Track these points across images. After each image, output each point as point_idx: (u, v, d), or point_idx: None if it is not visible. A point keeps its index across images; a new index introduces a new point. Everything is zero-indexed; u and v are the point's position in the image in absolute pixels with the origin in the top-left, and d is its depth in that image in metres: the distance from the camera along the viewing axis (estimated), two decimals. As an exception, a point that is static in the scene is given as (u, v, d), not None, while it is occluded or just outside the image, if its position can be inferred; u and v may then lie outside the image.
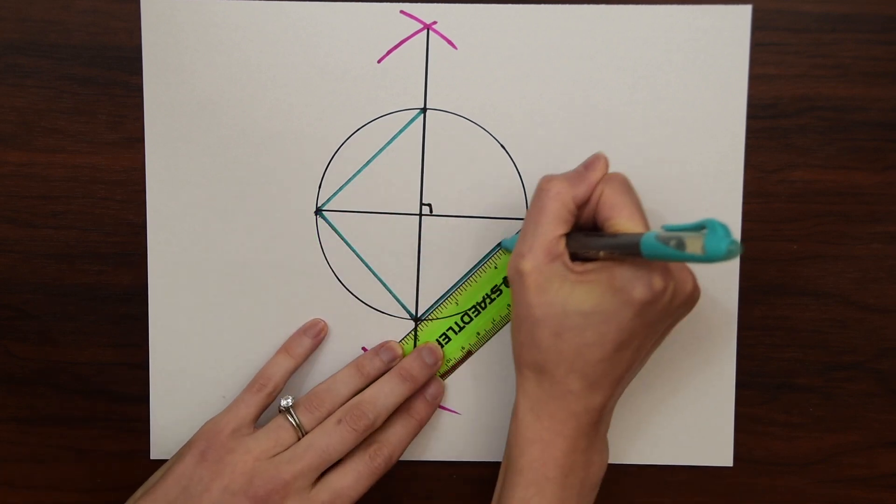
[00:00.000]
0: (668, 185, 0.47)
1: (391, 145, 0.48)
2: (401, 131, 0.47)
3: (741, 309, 0.48)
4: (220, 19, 0.47)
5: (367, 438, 0.45)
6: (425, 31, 0.47)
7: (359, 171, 0.48)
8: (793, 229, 0.48)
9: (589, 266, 0.40)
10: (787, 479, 0.50)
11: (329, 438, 0.44)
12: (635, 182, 0.48)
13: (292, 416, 0.45)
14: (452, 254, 0.48)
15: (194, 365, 0.48)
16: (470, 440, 0.49)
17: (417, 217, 0.48)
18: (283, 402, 0.45)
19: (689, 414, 0.49)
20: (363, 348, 0.49)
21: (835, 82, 0.47)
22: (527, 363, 0.41)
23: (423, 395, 0.47)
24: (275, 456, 0.44)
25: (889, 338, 0.49)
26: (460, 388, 0.49)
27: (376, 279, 0.48)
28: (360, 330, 0.48)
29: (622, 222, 0.40)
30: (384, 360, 0.47)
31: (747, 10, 0.47)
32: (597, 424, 0.42)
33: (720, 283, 0.48)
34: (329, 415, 0.45)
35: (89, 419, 0.49)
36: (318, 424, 0.45)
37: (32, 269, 0.48)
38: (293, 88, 0.47)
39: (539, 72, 0.47)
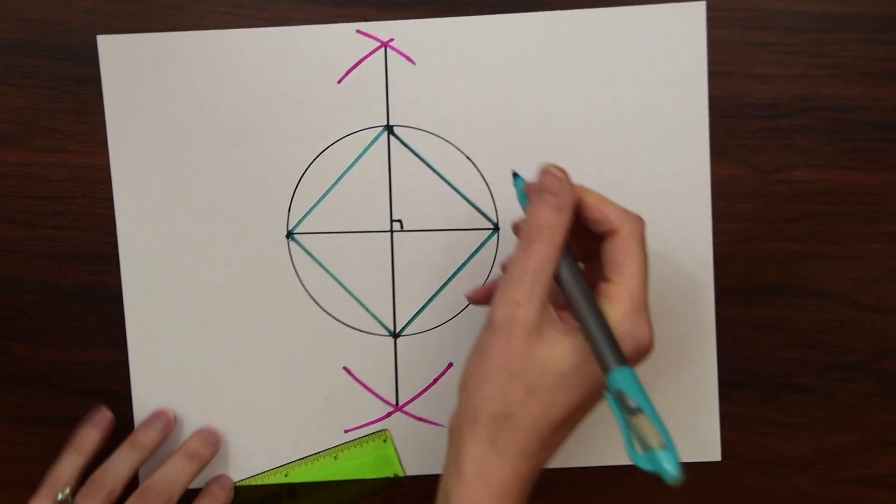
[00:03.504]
0: (635, 186, 0.47)
1: (357, 164, 0.48)
2: (366, 149, 0.47)
3: (741, 309, 0.48)
4: (176, 51, 0.47)
5: None
6: (383, 48, 0.47)
7: (327, 193, 0.48)
8: (793, 229, 0.48)
9: (573, 321, 0.38)
10: (787, 479, 0.50)
11: None
12: (602, 187, 0.47)
13: None
14: (426, 267, 0.48)
15: (175, 390, 0.48)
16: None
17: (389, 234, 0.48)
18: (60, 496, 0.45)
19: (675, 412, 0.49)
20: (344, 368, 0.48)
21: (835, 82, 0.47)
22: (486, 417, 0.38)
23: (219, 482, 0.48)
24: None
25: (889, 338, 0.49)
26: (442, 399, 0.49)
27: (352, 298, 0.48)
28: (340, 350, 0.48)
29: (616, 302, 0.38)
30: (157, 429, 0.47)
31: (701, 6, 0.47)
32: (529, 493, 0.39)
33: (696, 279, 0.48)
34: (112, 495, 0.45)
35: (89, 419, 0.49)
36: None
37: (32, 269, 0.48)
38: (256, 114, 0.47)
39: (499, 81, 0.47)
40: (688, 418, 0.49)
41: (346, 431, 0.49)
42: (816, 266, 0.48)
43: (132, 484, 0.46)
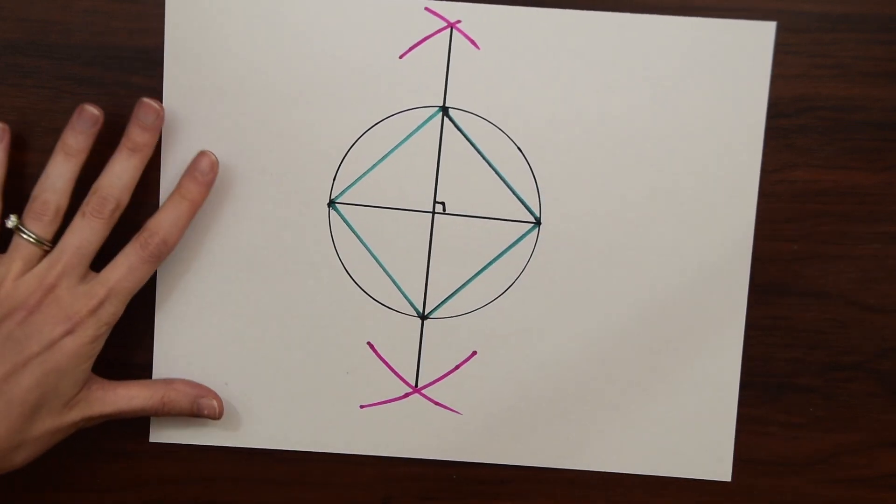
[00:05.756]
0: (682, 196, 0.48)
1: (408, 142, 0.48)
2: (418, 128, 0.48)
3: (741, 309, 0.49)
4: (242, 8, 0.47)
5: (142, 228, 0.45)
6: (449, 29, 0.47)
7: (374, 166, 0.48)
8: (793, 229, 0.48)
9: None
10: (787, 480, 0.50)
11: (79, 235, 0.44)
12: (651, 192, 0.48)
13: (24, 232, 0.44)
14: (463, 253, 0.48)
15: (197, 350, 0.49)
16: (470, 440, 0.49)
17: (430, 215, 0.48)
18: (9, 223, 0.44)
19: (688, 424, 0.49)
20: (368, 343, 0.49)
21: (835, 82, 0.47)
22: None
23: (192, 173, 0.46)
24: (32, 271, 0.44)
25: (889, 338, 0.49)
26: (462, 387, 0.49)
27: (385, 274, 0.48)
28: (366, 325, 0.49)
29: None
30: (84, 131, 0.45)
31: (771, 26, 0.47)
32: None
33: (729, 299, 0.48)
34: (59, 212, 0.44)
35: (89, 419, 0.49)
36: (55, 228, 0.44)
37: (32, 269, 0.48)
38: (314, 79, 0.47)
39: (561, 76, 0.47)
40: (701, 434, 0.49)
41: (361, 407, 0.49)
42: (816, 266, 0.48)
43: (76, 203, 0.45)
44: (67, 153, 0.45)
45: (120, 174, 0.44)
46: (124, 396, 0.46)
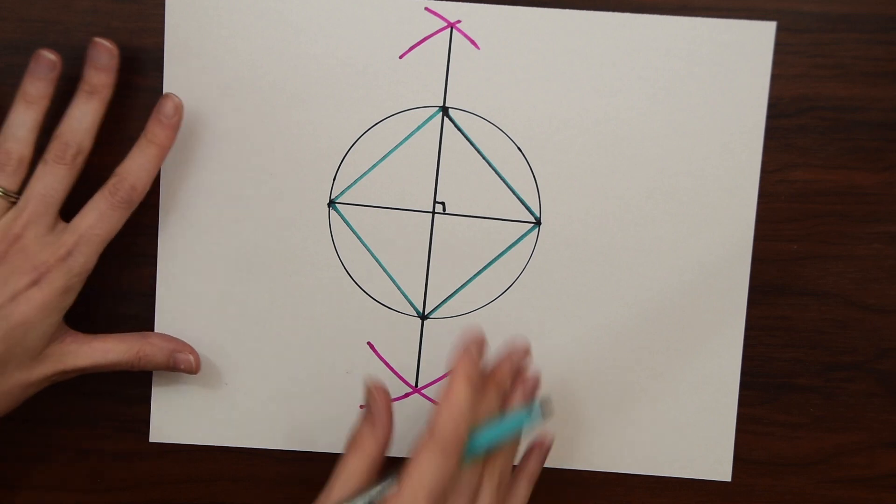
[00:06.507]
0: (682, 196, 0.48)
1: (408, 142, 0.48)
2: (418, 128, 0.48)
3: (741, 309, 0.49)
4: (242, 8, 0.47)
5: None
6: (449, 29, 0.47)
7: (374, 166, 0.48)
8: (793, 229, 0.48)
9: None
10: (787, 480, 0.50)
11: (43, 182, 0.43)
12: (651, 193, 0.47)
13: None
14: (463, 253, 0.48)
15: (197, 349, 0.48)
16: (470, 440, 0.49)
17: (430, 215, 0.48)
18: None
19: (688, 424, 0.49)
20: (368, 343, 0.49)
21: (835, 82, 0.47)
22: None
23: (158, 116, 0.45)
24: None
25: (889, 338, 0.49)
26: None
27: (385, 274, 0.48)
28: (366, 325, 0.49)
29: None
30: (43, 77, 0.44)
31: (771, 26, 0.47)
32: None
33: (730, 300, 0.48)
34: (22, 162, 0.44)
35: (89, 419, 0.49)
36: (19, 178, 0.44)
37: (32, 269, 0.48)
38: (314, 79, 0.47)
39: (560, 76, 0.47)
40: (701, 434, 0.49)
41: (361, 407, 0.49)
42: (816, 266, 0.49)
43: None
44: (27, 101, 0.44)
45: (80, 118, 0.44)
46: (99, 350, 0.45)
